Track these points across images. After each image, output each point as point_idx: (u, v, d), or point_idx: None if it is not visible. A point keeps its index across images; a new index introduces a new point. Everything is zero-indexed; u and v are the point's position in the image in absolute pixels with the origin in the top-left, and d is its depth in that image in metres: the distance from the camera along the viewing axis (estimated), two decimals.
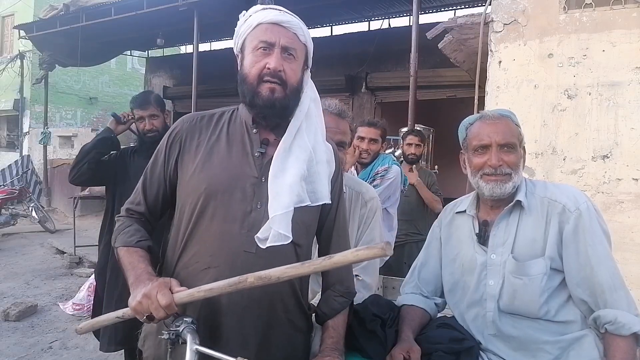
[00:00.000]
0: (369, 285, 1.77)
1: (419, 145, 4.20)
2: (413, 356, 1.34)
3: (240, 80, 1.29)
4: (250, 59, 1.27)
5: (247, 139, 1.32)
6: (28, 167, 12.38)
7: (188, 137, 1.34)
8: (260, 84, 1.25)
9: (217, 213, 1.25)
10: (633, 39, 3.07)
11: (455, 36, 4.12)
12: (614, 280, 1.32)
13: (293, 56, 1.27)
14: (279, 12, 1.28)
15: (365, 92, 9.48)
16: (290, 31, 1.27)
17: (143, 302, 1.09)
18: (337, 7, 9.12)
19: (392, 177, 2.88)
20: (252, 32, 1.27)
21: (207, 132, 1.34)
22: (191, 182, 1.29)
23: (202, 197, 1.26)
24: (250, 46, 1.27)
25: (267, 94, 1.24)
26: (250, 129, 1.33)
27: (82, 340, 4.12)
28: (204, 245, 1.26)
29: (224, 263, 1.23)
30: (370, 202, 1.85)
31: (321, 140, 1.33)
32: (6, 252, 7.54)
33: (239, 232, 1.24)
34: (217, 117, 1.38)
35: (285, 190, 1.21)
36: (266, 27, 1.25)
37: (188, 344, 1.09)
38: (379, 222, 1.88)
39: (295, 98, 1.29)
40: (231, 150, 1.31)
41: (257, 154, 1.29)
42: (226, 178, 1.27)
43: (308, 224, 1.32)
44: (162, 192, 1.37)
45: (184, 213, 1.30)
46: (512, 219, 1.44)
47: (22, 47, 13.76)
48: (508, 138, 1.42)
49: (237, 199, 1.25)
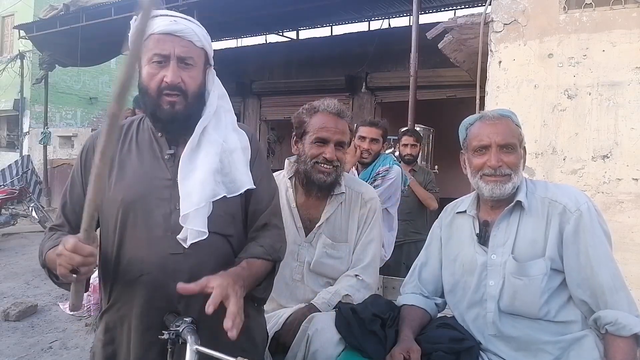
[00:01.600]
0: (369, 285, 1.77)
1: (414, 146, 4.20)
2: (413, 356, 1.35)
3: (140, 91, 1.27)
4: (146, 71, 1.24)
5: (155, 144, 1.32)
6: (28, 167, 12.37)
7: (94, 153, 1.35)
8: (161, 97, 1.24)
9: (139, 221, 1.26)
10: (633, 39, 3.07)
11: (455, 36, 4.12)
12: (614, 281, 1.32)
13: (191, 65, 1.25)
14: (171, 20, 1.24)
15: (365, 92, 9.48)
16: (185, 39, 1.23)
17: (59, 260, 1.07)
18: (337, 7, 9.11)
19: (393, 177, 2.88)
20: (144, 42, 1.21)
21: (117, 145, 1.32)
22: (108, 196, 1.27)
23: (121, 209, 1.26)
24: (145, 57, 1.23)
25: (168, 108, 1.23)
26: (155, 133, 1.33)
27: (82, 340, 4.12)
28: (133, 253, 1.26)
29: (155, 268, 1.24)
30: (370, 202, 1.85)
31: (232, 131, 1.33)
32: (6, 252, 7.54)
33: (163, 236, 1.24)
34: (125, 129, 1.37)
35: (196, 188, 1.22)
36: (158, 37, 1.21)
37: (188, 344, 1.09)
38: (378, 222, 1.88)
39: (198, 103, 1.28)
40: (142, 158, 1.31)
41: (167, 156, 1.30)
42: (141, 185, 1.27)
43: (233, 213, 1.32)
44: None
45: (108, 226, 1.30)
46: (512, 219, 1.44)
47: (22, 47, 13.75)
48: (508, 139, 1.42)
49: (155, 203, 1.26)
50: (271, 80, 11.03)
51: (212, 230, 1.24)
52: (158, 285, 1.24)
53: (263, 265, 1.30)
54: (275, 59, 10.92)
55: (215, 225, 1.25)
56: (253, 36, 11.86)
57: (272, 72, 11.09)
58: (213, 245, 1.27)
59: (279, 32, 11.68)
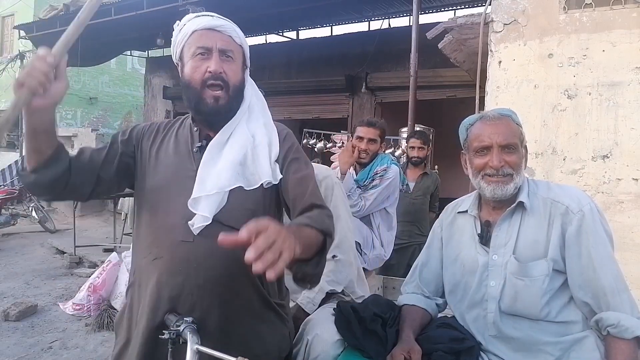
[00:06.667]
0: (347, 261, 1.76)
1: (421, 148, 4.21)
2: (414, 356, 1.35)
3: (184, 86, 1.34)
4: (190, 65, 1.32)
5: (189, 138, 1.40)
6: None
7: (144, 138, 1.43)
8: (204, 90, 1.30)
9: (161, 207, 1.33)
10: (633, 39, 3.07)
11: (455, 36, 4.12)
12: (617, 283, 1.32)
13: (231, 58, 1.33)
14: (211, 17, 1.34)
15: (365, 92, 9.47)
16: (225, 34, 1.33)
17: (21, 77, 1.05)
18: (337, 7, 9.10)
19: (391, 177, 2.88)
20: (188, 40, 1.33)
21: (161, 135, 1.43)
22: (145, 181, 1.38)
23: (150, 195, 1.35)
24: (189, 53, 1.32)
25: (212, 102, 1.30)
26: (192, 127, 1.40)
27: (82, 340, 4.13)
28: (152, 237, 1.33)
29: (167, 253, 1.29)
30: (324, 180, 1.83)
31: (262, 127, 1.38)
32: (6, 252, 7.53)
33: (178, 223, 1.28)
34: (172, 122, 1.48)
35: (211, 176, 1.28)
36: (201, 33, 1.31)
37: (189, 344, 1.09)
38: (340, 198, 1.85)
39: (238, 97, 1.36)
40: (176, 150, 1.39)
41: (195, 149, 1.36)
42: (168, 175, 1.35)
43: (252, 209, 1.31)
44: (115, 162, 1.37)
45: (138, 210, 1.40)
46: (514, 219, 1.44)
47: (22, 47, 13.74)
48: (509, 139, 1.42)
49: (177, 192, 1.31)
50: (271, 80, 11.02)
51: (227, 224, 1.26)
52: (167, 271, 1.28)
53: (313, 233, 1.14)
54: (275, 59, 10.90)
55: (230, 218, 1.27)
56: (253, 36, 11.86)
57: (272, 72, 11.08)
58: None
59: (279, 32, 11.67)
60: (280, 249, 0.90)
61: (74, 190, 1.33)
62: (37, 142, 1.20)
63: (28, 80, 1.05)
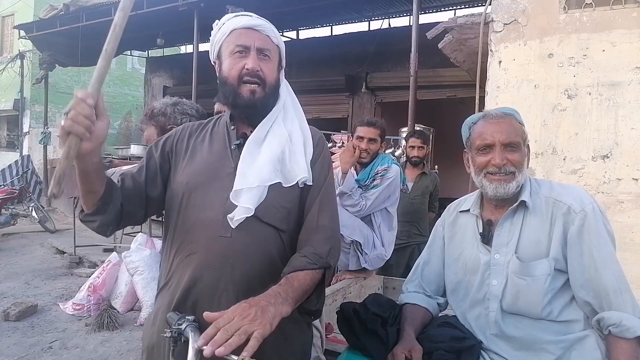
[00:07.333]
0: None
1: (421, 148, 4.20)
2: (415, 356, 1.34)
3: (221, 83, 1.36)
4: (228, 62, 1.34)
5: (226, 136, 1.41)
6: (28, 167, 12.37)
7: (179, 141, 1.44)
8: (241, 85, 1.32)
9: (197, 203, 1.32)
10: (633, 39, 3.07)
11: (455, 36, 4.13)
12: (619, 282, 1.31)
13: (268, 57, 1.35)
14: (250, 17, 1.36)
15: (365, 92, 9.48)
16: (263, 34, 1.35)
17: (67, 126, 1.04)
18: (337, 7, 9.12)
19: (391, 176, 2.88)
20: (227, 38, 1.35)
21: (194, 136, 1.44)
22: (177, 180, 1.37)
23: (185, 192, 1.34)
24: (227, 51, 1.35)
25: (248, 96, 1.32)
26: (229, 125, 1.42)
27: (82, 340, 4.13)
28: (187, 234, 1.32)
29: (203, 248, 1.29)
30: None
31: (298, 127, 1.40)
32: (6, 252, 7.53)
33: (216, 218, 1.28)
34: (205, 123, 1.49)
35: (252, 169, 1.28)
36: (240, 32, 1.34)
37: (190, 343, 1.09)
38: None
39: (274, 95, 1.38)
40: (212, 148, 1.40)
41: (233, 146, 1.37)
42: (205, 171, 1.35)
43: (289, 208, 1.33)
44: (158, 177, 1.39)
45: (172, 207, 1.37)
46: (516, 219, 1.44)
47: (22, 47, 13.75)
48: (512, 137, 1.42)
49: (215, 188, 1.32)
50: None
51: (264, 220, 1.27)
52: (203, 266, 1.28)
53: (309, 276, 1.22)
54: None
55: (268, 215, 1.28)
56: None
57: None
58: (262, 235, 1.28)
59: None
60: (247, 332, 0.98)
61: (130, 218, 1.35)
62: (91, 183, 1.19)
63: (74, 127, 1.04)
